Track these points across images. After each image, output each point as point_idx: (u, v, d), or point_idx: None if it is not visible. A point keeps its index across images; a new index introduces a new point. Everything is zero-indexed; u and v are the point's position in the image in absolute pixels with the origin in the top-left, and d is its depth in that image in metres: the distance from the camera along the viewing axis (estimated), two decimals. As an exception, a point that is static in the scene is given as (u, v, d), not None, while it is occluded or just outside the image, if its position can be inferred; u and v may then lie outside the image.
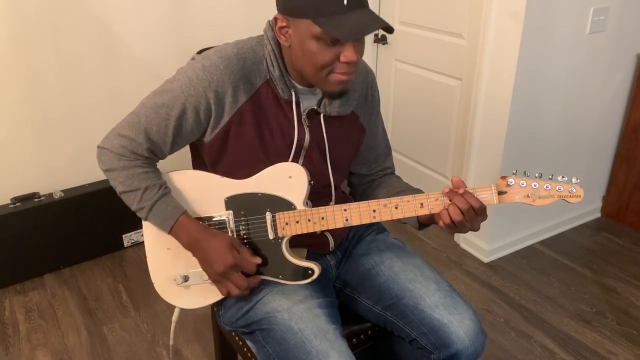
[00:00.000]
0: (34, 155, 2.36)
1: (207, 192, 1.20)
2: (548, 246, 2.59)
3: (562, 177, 1.08)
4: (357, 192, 1.42)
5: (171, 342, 1.52)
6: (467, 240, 2.57)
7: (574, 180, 1.08)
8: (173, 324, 1.42)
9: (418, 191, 1.29)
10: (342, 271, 1.36)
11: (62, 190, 2.38)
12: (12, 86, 2.22)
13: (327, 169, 1.25)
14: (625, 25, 2.40)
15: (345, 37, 1.03)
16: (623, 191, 2.73)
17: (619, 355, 1.94)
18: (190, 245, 1.17)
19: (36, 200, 2.30)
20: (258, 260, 1.17)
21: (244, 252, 1.16)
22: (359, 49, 1.09)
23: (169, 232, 1.17)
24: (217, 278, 1.17)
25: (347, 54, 1.06)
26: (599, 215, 2.86)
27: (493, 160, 2.31)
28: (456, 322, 1.17)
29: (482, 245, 2.48)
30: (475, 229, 1.12)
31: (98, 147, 1.20)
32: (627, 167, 2.69)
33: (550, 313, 2.15)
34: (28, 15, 2.16)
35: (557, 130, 2.42)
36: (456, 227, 1.10)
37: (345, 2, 1.01)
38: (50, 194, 2.35)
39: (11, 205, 2.26)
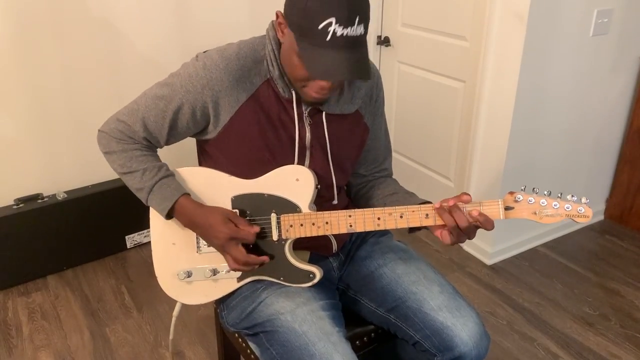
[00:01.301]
0: (37, 156, 2.37)
1: (213, 190, 1.20)
2: (551, 249, 2.59)
3: (572, 196, 1.05)
4: (351, 191, 1.42)
5: (171, 337, 1.53)
6: (470, 243, 2.56)
7: (583, 200, 1.05)
8: (174, 319, 1.43)
9: (411, 194, 1.29)
10: (345, 273, 1.36)
11: (65, 192, 2.38)
12: (16, 87, 2.22)
13: (329, 167, 1.25)
14: (629, 27, 2.40)
15: (312, 73, 1.02)
16: (627, 194, 2.72)
17: (623, 358, 1.94)
18: (189, 224, 1.18)
19: (39, 201, 2.30)
20: (256, 229, 1.15)
21: (240, 222, 1.15)
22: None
23: (168, 214, 1.17)
24: (220, 251, 1.18)
25: (321, 84, 1.07)
26: (602, 217, 2.85)
27: (496, 163, 2.31)
28: (460, 325, 1.17)
29: (485, 247, 2.48)
30: (472, 238, 1.12)
31: (98, 130, 1.23)
32: (630, 169, 2.68)
33: (554, 316, 2.14)
34: (32, 15, 2.17)
35: (560, 133, 2.42)
36: (457, 240, 1.11)
37: (327, 39, 0.99)
38: (54, 195, 2.35)
39: (15, 206, 2.26)
